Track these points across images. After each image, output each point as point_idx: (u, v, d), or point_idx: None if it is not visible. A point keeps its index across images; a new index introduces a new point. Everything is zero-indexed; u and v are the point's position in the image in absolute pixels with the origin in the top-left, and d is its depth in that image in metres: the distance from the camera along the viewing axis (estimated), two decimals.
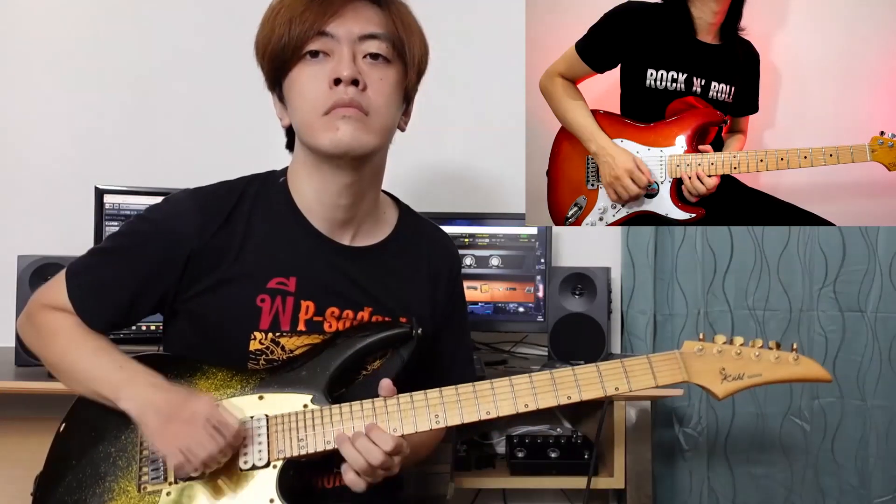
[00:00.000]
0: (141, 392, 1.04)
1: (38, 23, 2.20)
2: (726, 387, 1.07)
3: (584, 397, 1.06)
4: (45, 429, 1.14)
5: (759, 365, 1.07)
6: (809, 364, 1.08)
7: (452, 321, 1.29)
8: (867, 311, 2.13)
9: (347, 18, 1.06)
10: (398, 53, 1.08)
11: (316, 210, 1.16)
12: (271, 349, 1.13)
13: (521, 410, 1.05)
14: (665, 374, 1.08)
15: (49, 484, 1.08)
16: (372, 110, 1.06)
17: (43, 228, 2.13)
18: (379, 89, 1.07)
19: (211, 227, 1.11)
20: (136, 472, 1.06)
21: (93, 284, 1.13)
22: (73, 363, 1.10)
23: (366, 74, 1.06)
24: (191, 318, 1.15)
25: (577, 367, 1.08)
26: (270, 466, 1.05)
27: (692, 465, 2.15)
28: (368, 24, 1.07)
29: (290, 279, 1.13)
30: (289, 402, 1.08)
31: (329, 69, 1.05)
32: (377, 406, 1.06)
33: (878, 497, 2.11)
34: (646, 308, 2.17)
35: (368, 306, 1.17)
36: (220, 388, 1.10)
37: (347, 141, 1.06)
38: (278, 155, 1.26)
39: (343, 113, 1.05)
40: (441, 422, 1.05)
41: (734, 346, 1.08)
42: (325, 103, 1.05)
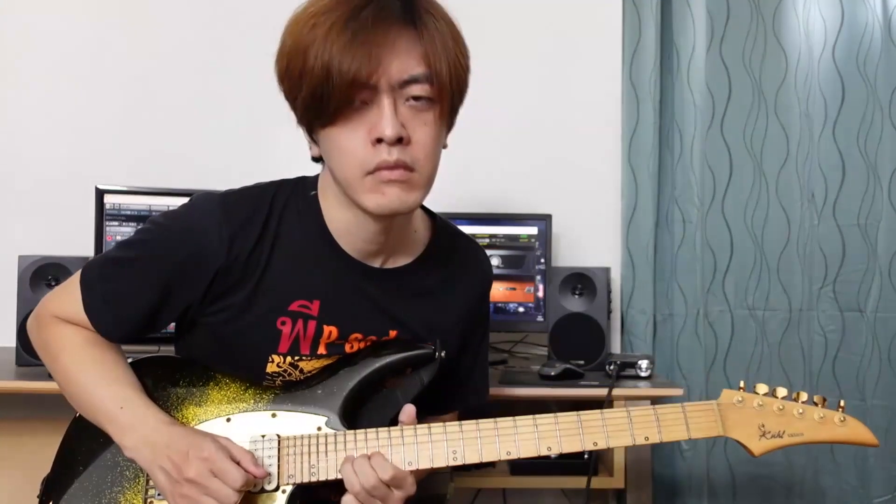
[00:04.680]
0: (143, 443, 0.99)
1: (38, 23, 2.19)
2: (764, 444, 1.01)
3: (611, 444, 1.01)
4: (45, 429, 1.13)
5: (801, 423, 1.01)
6: (856, 426, 1.01)
7: (475, 337, 1.25)
8: (867, 311, 2.14)
9: (388, 60, 0.94)
10: (442, 90, 0.98)
11: (347, 238, 1.09)
12: (289, 371, 1.10)
13: (542, 453, 1.01)
14: (700, 427, 1.02)
15: (55, 488, 1.06)
16: (418, 165, 0.99)
17: (43, 228, 2.13)
18: (423, 138, 0.99)
19: (239, 243, 1.04)
20: (143, 486, 1.04)
21: (111, 298, 1.06)
22: (79, 392, 1.06)
23: (408, 123, 0.97)
24: (208, 333, 1.10)
25: (606, 412, 1.02)
26: (279, 491, 1.01)
27: (692, 465, 2.15)
28: (410, 65, 0.95)
29: (313, 302, 1.08)
30: (302, 422, 1.05)
31: (369, 123, 0.96)
32: (393, 435, 1.01)
33: (877, 497, 2.11)
34: (646, 308, 2.17)
35: (393, 330, 1.12)
36: (233, 401, 1.06)
37: (395, 206, 0.99)
38: (279, 154, 1.26)
39: (389, 176, 0.97)
40: (458, 458, 1.01)
41: (776, 398, 1.02)
42: (369, 164, 0.96)
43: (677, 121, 2.21)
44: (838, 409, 1.02)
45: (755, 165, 2.20)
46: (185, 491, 0.95)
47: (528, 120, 2.25)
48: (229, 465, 0.96)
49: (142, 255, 1.06)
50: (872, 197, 2.15)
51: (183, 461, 0.96)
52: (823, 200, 2.17)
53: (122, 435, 1.01)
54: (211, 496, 0.95)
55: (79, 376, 1.06)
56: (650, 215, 2.17)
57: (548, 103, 2.26)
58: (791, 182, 2.19)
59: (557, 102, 2.26)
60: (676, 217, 2.21)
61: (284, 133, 1.19)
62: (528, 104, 2.25)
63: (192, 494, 0.95)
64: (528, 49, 2.25)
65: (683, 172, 2.20)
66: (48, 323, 1.10)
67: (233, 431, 1.03)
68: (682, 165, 2.20)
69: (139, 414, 1.01)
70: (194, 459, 0.96)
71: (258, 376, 1.09)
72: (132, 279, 1.06)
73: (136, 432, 1.00)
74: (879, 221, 2.13)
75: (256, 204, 1.07)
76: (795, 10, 2.19)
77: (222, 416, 1.06)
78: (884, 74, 2.13)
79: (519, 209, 2.14)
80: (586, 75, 2.26)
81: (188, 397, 1.07)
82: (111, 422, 1.02)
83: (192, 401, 1.07)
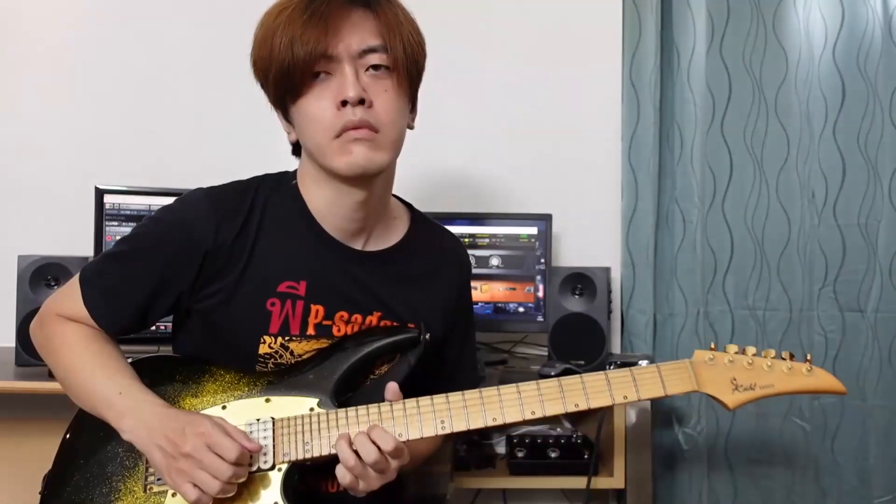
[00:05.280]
0: (141, 424, 1.03)
1: (38, 23, 2.20)
2: (737, 397, 1.05)
3: (591, 405, 1.05)
4: (45, 429, 1.14)
5: (770, 375, 1.05)
6: (823, 375, 1.05)
7: (459, 327, 1.29)
8: (867, 311, 2.13)
9: (346, 34, 1.06)
10: (397, 59, 1.08)
11: (328, 218, 1.16)
12: (280, 353, 1.14)
13: (527, 417, 1.04)
14: (674, 384, 1.06)
15: (57, 483, 1.09)
16: (381, 126, 1.08)
17: (43, 228, 2.13)
18: (385, 103, 1.08)
19: (225, 229, 1.11)
20: (142, 473, 1.07)
21: (108, 290, 1.12)
22: (78, 382, 1.10)
23: (370, 89, 1.06)
24: (202, 319, 1.15)
25: (585, 375, 1.06)
26: (275, 469, 1.05)
27: (692, 466, 2.15)
28: (366, 37, 1.07)
29: (300, 283, 1.13)
30: (295, 405, 1.08)
31: (334, 89, 1.06)
32: (383, 410, 1.06)
33: (878, 497, 2.11)
34: (646, 308, 2.17)
35: (377, 311, 1.17)
36: (228, 390, 1.10)
37: (362, 163, 1.07)
38: (279, 154, 1.26)
39: (354, 135, 1.06)
40: (447, 427, 1.05)
41: (746, 355, 1.07)
42: (335, 126, 1.06)
43: (677, 121, 2.21)
44: (806, 361, 1.05)
45: (755, 165, 2.20)
46: (181, 465, 0.99)
47: (527, 120, 2.25)
48: (224, 439, 0.99)
49: (135, 247, 1.13)
50: (873, 197, 2.14)
51: (179, 437, 0.99)
52: (824, 200, 2.17)
53: (119, 419, 1.04)
54: (205, 470, 0.98)
55: (79, 368, 1.10)
56: (650, 215, 2.17)
57: (548, 103, 2.26)
58: (791, 182, 2.19)
59: (557, 102, 2.26)
60: (677, 217, 2.21)
61: (284, 133, 1.20)
62: (528, 104, 2.25)
63: (186, 468, 0.98)
64: (527, 49, 2.25)
65: (683, 172, 2.20)
66: (50, 322, 1.15)
67: (229, 417, 1.06)
68: (682, 165, 2.20)
69: (138, 398, 1.05)
70: (190, 435, 0.99)
71: (251, 358, 1.13)
72: (128, 270, 1.12)
73: (133, 415, 1.04)
74: (880, 221, 2.13)
75: (241, 193, 1.15)
76: (796, 10, 2.19)
77: (218, 404, 1.10)
78: (884, 74, 2.12)
79: (519, 209, 2.14)
80: (586, 75, 2.26)
81: (185, 390, 1.11)
82: (109, 407, 1.05)
83: (189, 393, 1.11)
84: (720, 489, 2.17)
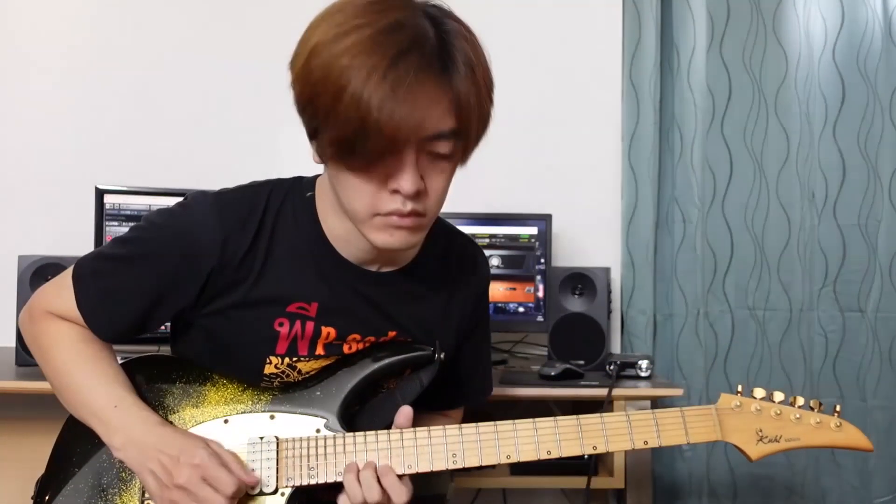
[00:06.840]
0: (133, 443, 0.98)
1: (38, 23, 2.20)
2: (761, 449, 1.02)
3: (610, 448, 1.02)
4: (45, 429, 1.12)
5: (797, 428, 1.02)
6: (852, 431, 1.03)
7: (475, 335, 1.25)
8: (867, 311, 2.13)
9: (419, 108, 0.89)
10: (467, 147, 0.98)
11: (346, 247, 1.08)
12: (287, 373, 1.09)
13: (542, 457, 1.01)
14: (698, 431, 1.02)
15: (49, 489, 1.05)
16: (428, 212, 0.99)
17: (43, 228, 2.13)
18: (438, 187, 0.98)
19: (233, 244, 1.03)
20: (139, 487, 1.03)
21: (104, 293, 1.05)
22: (69, 383, 1.04)
23: (426, 173, 0.95)
24: (204, 333, 1.09)
25: (606, 416, 1.03)
26: (278, 494, 1.00)
27: (692, 466, 2.15)
28: (439, 119, 0.92)
29: (311, 304, 1.07)
30: (301, 424, 1.04)
31: (388, 170, 0.93)
32: (393, 439, 1.01)
33: (878, 497, 2.11)
34: (645, 308, 2.17)
35: (392, 331, 1.12)
36: (230, 403, 1.05)
37: (400, 246, 1.00)
38: (279, 154, 1.26)
39: (399, 223, 0.96)
40: (458, 462, 1.01)
41: (773, 403, 1.03)
42: (381, 208, 0.95)
43: (677, 121, 2.21)
44: (834, 413, 1.03)
45: (755, 165, 2.20)
46: (175, 496, 0.94)
47: (528, 120, 2.25)
48: (221, 473, 0.95)
49: (135, 254, 1.05)
50: (873, 197, 2.15)
51: (174, 466, 0.95)
52: (824, 200, 2.17)
53: (110, 434, 0.99)
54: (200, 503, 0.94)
55: (71, 373, 1.04)
56: (650, 215, 2.17)
57: (548, 103, 2.26)
58: (791, 182, 2.19)
59: (557, 102, 2.26)
60: (676, 217, 2.21)
61: (284, 133, 1.20)
62: (529, 104, 2.25)
63: (180, 500, 0.94)
64: (528, 49, 2.25)
65: (683, 172, 2.20)
66: (40, 318, 1.08)
67: (230, 433, 1.02)
68: (682, 165, 2.20)
69: (132, 413, 1.00)
70: (185, 466, 0.94)
71: (256, 378, 1.08)
72: (126, 279, 1.04)
73: (125, 432, 0.99)
74: (880, 221, 2.13)
75: (251, 204, 1.05)
76: (795, 10, 2.19)
77: (220, 417, 1.05)
78: (884, 74, 2.12)
79: (519, 209, 2.14)
80: (586, 75, 2.26)
81: (185, 398, 1.06)
82: (102, 420, 1.00)
83: (189, 402, 1.06)
84: (720, 489, 2.17)
